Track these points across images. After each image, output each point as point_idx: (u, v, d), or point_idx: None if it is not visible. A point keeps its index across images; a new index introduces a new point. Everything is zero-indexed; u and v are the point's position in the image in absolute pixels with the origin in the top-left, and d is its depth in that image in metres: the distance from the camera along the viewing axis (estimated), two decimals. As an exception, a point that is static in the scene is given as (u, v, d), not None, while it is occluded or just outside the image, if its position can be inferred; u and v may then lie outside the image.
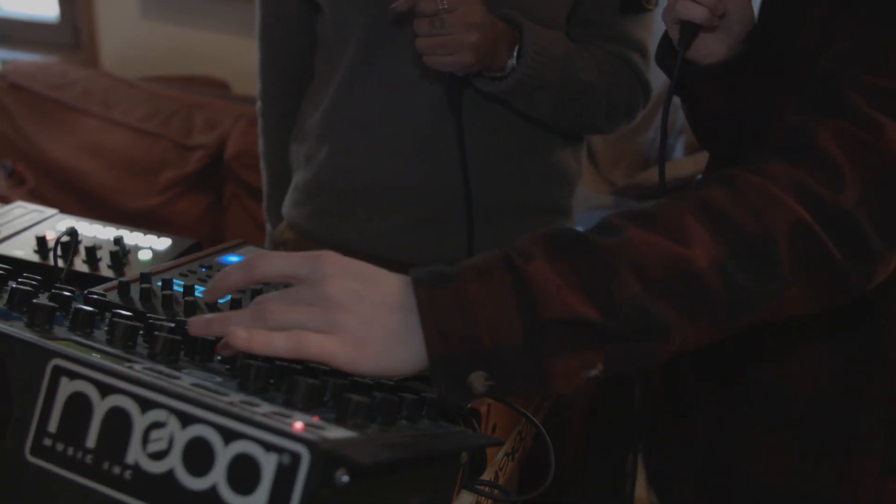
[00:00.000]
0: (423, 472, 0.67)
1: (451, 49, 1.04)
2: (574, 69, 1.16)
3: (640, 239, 0.67)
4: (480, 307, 0.64)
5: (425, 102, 1.21)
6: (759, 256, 0.68)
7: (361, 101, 1.23)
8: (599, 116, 1.24)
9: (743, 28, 0.93)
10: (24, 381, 0.61)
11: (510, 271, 0.65)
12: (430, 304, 0.64)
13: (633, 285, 0.65)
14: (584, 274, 0.65)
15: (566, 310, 0.64)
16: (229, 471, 0.55)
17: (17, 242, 1.10)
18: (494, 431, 0.83)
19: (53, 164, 2.68)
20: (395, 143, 1.24)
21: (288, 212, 1.38)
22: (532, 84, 1.13)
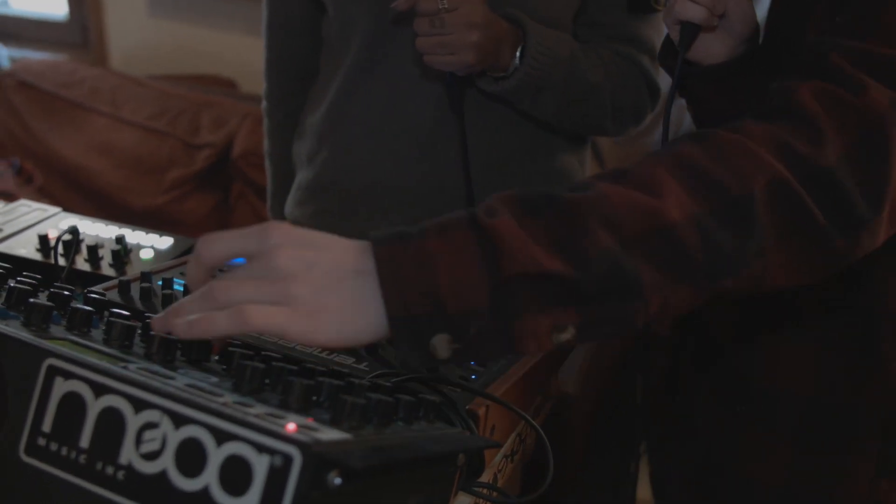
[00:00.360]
0: (419, 474, 0.66)
1: (451, 49, 1.04)
2: (579, 70, 1.16)
3: (611, 192, 0.64)
4: (442, 264, 0.61)
5: (427, 102, 1.20)
6: (736, 212, 0.65)
7: (363, 101, 1.23)
8: (605, 118, 1.24)
9: (745, 28, 0.93)
10: (20, 380, 0.61)
11: (473, 227, 0.62)
12: (389, 263, 0.61)
13: (605, 239, 0.62)
14: (552, 228, 0.62)
15: (533, 263, 0.61)
16: (221, 472, 0.54)
17: (20, 241, 1.11)
18: (493, 433, 0.83)
19: (61, 162, 2.69)
20: (396, 142, 1.23)
21: (290, 211, 1.38)
22: (536, 84, 1.12)
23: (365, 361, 0.87)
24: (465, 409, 0.80)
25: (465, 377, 0.86)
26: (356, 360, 0.87)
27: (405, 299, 0.61)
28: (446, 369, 0.86)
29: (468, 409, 0.80)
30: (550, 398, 1.06)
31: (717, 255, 0.65)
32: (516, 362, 0.90)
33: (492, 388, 0.84)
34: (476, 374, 0.86)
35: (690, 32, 0.93)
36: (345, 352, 0.88)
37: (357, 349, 0.89)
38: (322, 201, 1.32)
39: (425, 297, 0.61)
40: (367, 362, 0.87)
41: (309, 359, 0.86)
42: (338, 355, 0.87)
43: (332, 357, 0.87)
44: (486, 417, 0.81)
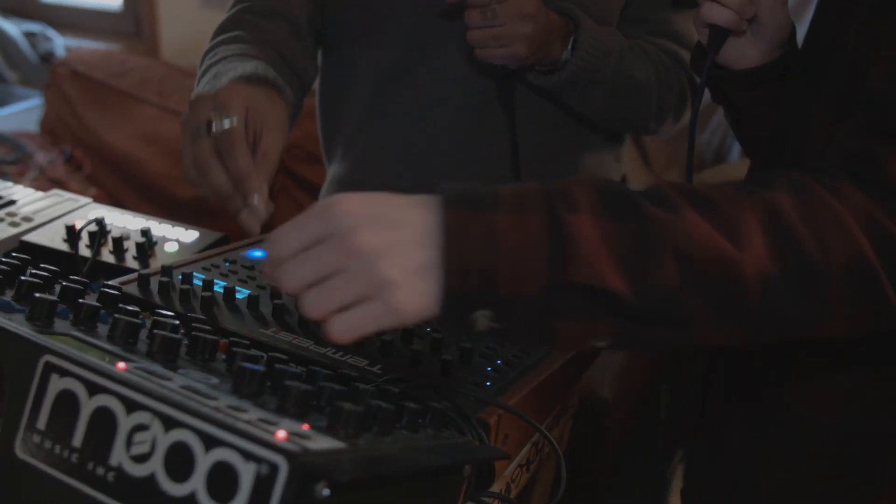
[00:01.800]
0: (419, 485, 0.65)
1: (504, 40, 1.02)
2: (627, 66, 1.13)
3: (694, 225, 0.62)
4: (507, 245, 0.60)
5: (468, 99, 1.19)
6: (810, 280, 0.64)
7: (406, 96, 1.21)
8: (650, 115, 1.21)
9: (778, 32, 0.89)
10: (17, 376, 0.61)
11: (549, 215, 0.61)
12: (457, 236, 0.60)
13: (673, 273, 0.61)
14: (626, 243, 0.61)
15: (597, 278, 0.60)
16: (209, 478, 0.53)
17: (49, 231, 1.12)
18: (505, 442, 0.81)
19: (110, 150, 2.73)
20: (436, 140, 1.22)
21: None
22: (586, 78, 1.10)
23: (379, 364, 0.85)
24: (475, 417, 0.78)
25: (479, 383, 0.84)
26: (370, 363, 0.85)
27: (464, 278, 0.60)
28: (460, 376, 0.84)
29: (479, 418, 0.78)
30: (571, 406, 1.03)
31: (775, 315, 0.64)
32: (532, 371, 0.88)
33: (506, 395, 0.82)
34: (490, 381, 0.84)
35: (719, 36, 0.89)
36: (359, 353, 0.87)
37: (372, 351, 0.88)
38: None
39: (482, 274, 0.60)
40: (381, 365, 0.85)
41: (320, 359, 0.85)
42: (352, 356, 0.86)
43: (345, 359, 0.85)
44: (497, 426, 0.78)
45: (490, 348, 0.91)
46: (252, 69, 0.94)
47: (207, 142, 0.81)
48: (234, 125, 0.78)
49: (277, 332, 0.89)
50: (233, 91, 0.83)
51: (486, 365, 0.87)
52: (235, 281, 0.98)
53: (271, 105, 0.86)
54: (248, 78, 0.92)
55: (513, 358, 0.90)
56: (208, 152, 0.80)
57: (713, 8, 0.87)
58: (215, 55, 1.05)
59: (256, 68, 0.95)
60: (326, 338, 0.62)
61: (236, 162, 0.78)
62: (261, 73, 0.93)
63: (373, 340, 0.89)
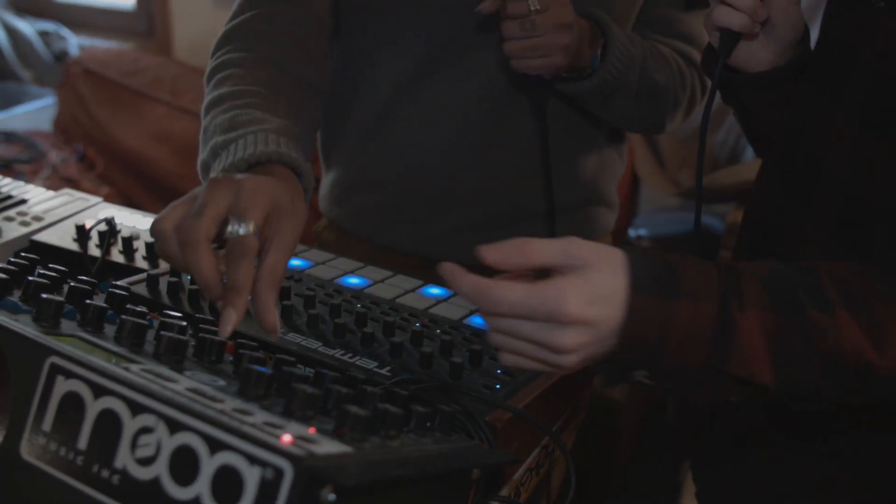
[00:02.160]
0: (426, 489, 0.64)
1: (542, 51, 1.00)
2: (650, 71, 1.13)
3: (846, 329, 0.68)
4: (678, 333, 0.67)
5: (492, 106, 1.18)
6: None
7: (423, 102, 1.20)
8: (665, 116, 1.21)
9: (791, 34, 0.87)
10: (23, 377, 0.60)
11: (722, 308, 0.67)
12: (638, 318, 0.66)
13: (816, 370, 0.68)
14: (783, 342, 0.68)
15: (750, 373, 0.67)
16: (213, 482, 0.53)
17: (59, 230, 1.11)
18: (514, 446, 0.80)
19: (122, 149, 2.73)
20: (456, 143, 1.21)
21: (328, 209, 1.36)
22: (613, 85, 1.09)
23: (388, 366, 0.85)
24: (484, 420, 0.77)
25: (489, 386, 0.83)
26: (378, 365, 0.85)
27: (632, 352, 0.68)
28: (469, 378, 0.84)
29: (487, 421, 0.77)
30: (582, 410, 1.02)
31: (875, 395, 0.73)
32: (542, 373, 0.87)
33: (515, 398, 0.82)
34: (500, 384, 0.83)
35: (731, 39, 0.88)
36: (368, 355, 0.86)
37: (381, 352, 0.87)
38: (366, 199, 1.29)
39: (651, 351, 0.67)
40: (390, 367, 0.85)
41: (329, 361, 0.84)
42: (361, 358, 0.86)
43: (354, 360, 0.85)
44: (506, 430, 0.78)
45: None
46: (274, 147, 0.87)
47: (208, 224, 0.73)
48: (250, 233, 0.74)
49: (286, 333, 0.89)
50: (257, 196, 0.74)
51: (497, 367, 0.87)
52: (244, 281, 0.97)
53: (291, 205, 0.78)
54: (271, 156, 0.86)
55: (523, 360, 0.89)
56: (205, 235, 0.72)
57: (725, 11, 0.86)
58: (229, 80, 0.99)
59: (279, 143, 0.88)
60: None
61: (238, 273, 0.71)
62: (283, 152, 0.87)
63: (382, 342, 0.89)
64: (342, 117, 1.26)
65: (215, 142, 0.90)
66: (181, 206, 0.75)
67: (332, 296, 0.99)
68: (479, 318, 0.97)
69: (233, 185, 0.75)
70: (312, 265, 1.08)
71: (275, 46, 1.04)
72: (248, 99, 0.95)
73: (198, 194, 0.75)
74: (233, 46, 1.05)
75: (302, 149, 0.92)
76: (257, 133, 0.88)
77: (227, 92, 0.97)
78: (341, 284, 1.03)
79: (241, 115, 0.92)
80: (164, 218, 0.74)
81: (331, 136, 1.31)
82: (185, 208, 0.74)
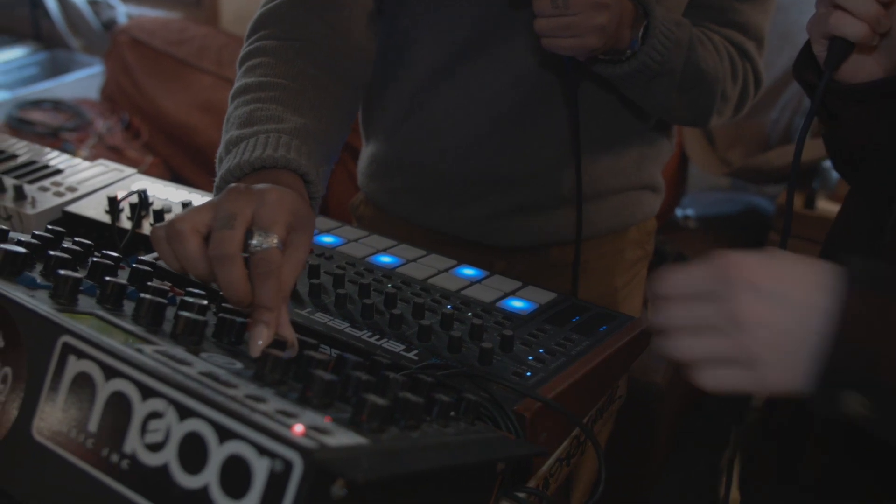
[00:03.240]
0: (447, 482, 0.62)
1: (575, 31, 0.95)
2: (696, 57, 1.07)
3: None
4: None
5: (530, 89, 1.14)
6: None
7: (462, 85, 1.16)
8: (710, 108, 1.14)
9: None
10: (36, 355, 0.59)
11: None
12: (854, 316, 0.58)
13: None
14: None
15: None
16: (222, 472, 0.51)
17: (92, 202, 1.11)
18: (544, 437, 0.77)
19: (167, 118, 2.74)
20: (492, 128, 1.17)
21: (365, 184, 1.33)
22: (654, 70, 1.04)
23: (415, 349, 0.82)
24: (512, 409, 0.74)
25: (520, 373, 0.80)
26: (406, 348, 0.82)
27: (847, 359, 0.58)
28: (500, 364, 0.81)
29: (516, 411, 0.74)
30: (619, 398, 0.99)
31: None
32: (576, 361, 0.84)
33: (546, 387, 0.79)
34: (531, 372, 0.80)
35: (841, 50, 0.77)
36: (396, 337, 0.84)
37: (410, 335, 0.85)
38: (404, 179, 1.27)
39: (868, 357, 0.58)
40: (418, 350, 0.82)
41: (355, 343, 0.82)
42: (388, 341, 0.83)
43: (380, 343, 0.83)
44: (535, 420, 0.75)
45: (532, 335, 0.87)
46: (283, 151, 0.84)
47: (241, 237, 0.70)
48: (274, 246, 0.71)
49: (313, 313, 0.87)
50: (280, 209, 0.72)
51: (528, 354, 0.84)
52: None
53: (307, 219, 0.75)
54: (277, 161, 0.83)
55: (556, 347, 0.86)
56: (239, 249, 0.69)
57: (843, 19, 0.75)
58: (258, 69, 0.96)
59: (289, 148, 0.85)
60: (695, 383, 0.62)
61: (267, 289, 0.69)
62: (292, 158, 0.84)
63: (411, 324, 0.86)
64: (381, 94, 1.24)
65: (230, 136, 0.89)
66: (203, 212, 0.71)
67: (362, 275, 0.97)
68: (513, 301, 0.95)
69: (255, 196, 0.72)
70: (344, 242, 1.06)
71: (310, 35, 1.01)
72: (272, 92, 0.92)
73: (217, 203, 0.71)
74: (267, 32, 1.02)
75: (318, 152, 0.89)
76: (269, 134, 0.85)
77: (254, 82, 0.94)
78: (373, 263, 1.01)
79: (260, 111, 0.90)
80: (184, 219, 0.70)
81: (370, 111, 1.29)
82: (207, 215, 0.71)
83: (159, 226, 0.71)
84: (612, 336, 0.90)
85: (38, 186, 1.13)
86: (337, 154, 0.97)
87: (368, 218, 1.34)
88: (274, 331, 0.68)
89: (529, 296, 0.97)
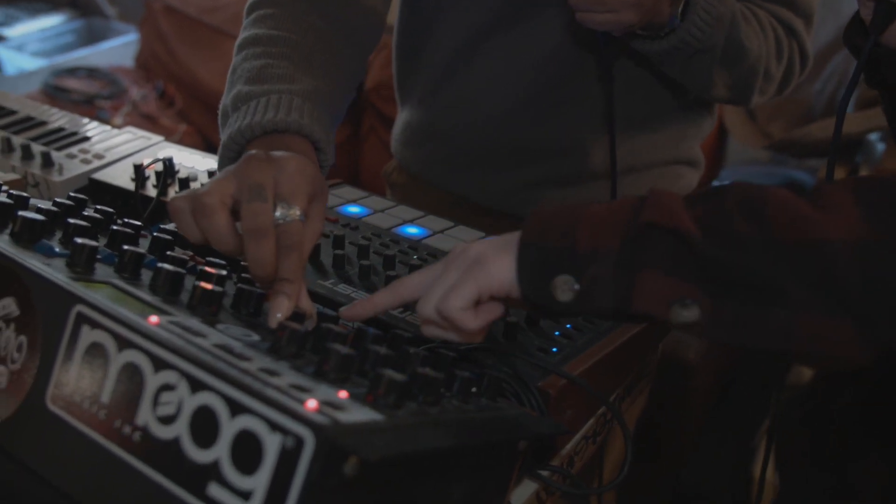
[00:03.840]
0: (465, 460, 0.60)
1: (610, 5, 0.92)
2: (738, 33, 1.02)
3: (778, 195, 0.60)
4: (590, 213, 0.63)
5: (563, 64, 1.11)
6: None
7: (495, 55, 1.14)
8: (753, 87, 1.10)
9: None
10: (51, 324, 0.58)
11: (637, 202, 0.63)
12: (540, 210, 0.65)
13: (745, 228, 0.58)
14: (697, 205, 0.61)
15: (671, 217, 0.60)
16: (233, 446, 0.50)
17: (118, 169, 1.10)
18: (568, 414, 0.75)
19: (201, 86, 2.73)
20: (524, 101, 1.15)
21: (399, 150, 1.31)
22: (694, 47, 1.00)
23: (439, 323, 0.80)
24: (536, 386, 0.73)
25: (545, 349, 0.78)
26: (429, 321, 0.81)
27: (542, 231, 0.64)
28: (526, 339, 0.79)
29: (539, 387, 0.73)
30: (648, 374, 0.97)
31: (881, 297, 0.56)
32: (604, 337, 0.82)
33: (573, 363, 0.77)
34: (557, 348, 0.79)
35: (887, 12, 0.75)
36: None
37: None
38: (438, 148, 1.24)
39: (561, 234, 0.63)
40: (442, 324, 0.80)
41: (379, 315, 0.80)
42: (411, 314, 0.82)
43: (403, 315, 0.81)
44: (559, 397, 0.73)
45: (560, 311, 0.85)
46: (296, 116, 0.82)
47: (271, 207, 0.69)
48: (297, 218, 0.69)
49: (336, 284, 0.86)
50: (301, 179, 0.70)
51: (555, 329, 0.82)
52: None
53: (322, 189, 0.73)
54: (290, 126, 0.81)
55: (584, 323, 0.84)
56: (272, 221, 0.68)
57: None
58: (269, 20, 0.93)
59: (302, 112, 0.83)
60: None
61: (290, 262, 0.67)
62: (305, 123, 0.82)
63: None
64: (415, 59, 1.21)
65: (238, 91, 0.87)
66: (227, 183, 0.68)
67: (387, 246, 0.95)
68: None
69: (275, 165, 0.70)
70: (370, 212, 1.05)
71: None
72: (284, 48, 0.90)
73: (240, 173, 0.69)
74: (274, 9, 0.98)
75: (328, 116, 0.87)
76: (281, 95, 0.83)
77: (264, 35, 0.92)
78: (399, 234, 0.99)
79: (271, 67, 0.87)
80: (211, 192, 0.67)
81: (405, 77, 1.27)
82: (231, 186, 0.68)
83: (179, 196, 0.69)
84: (641, 312, 0.87)
85: (65, 153, 1.13)
86: (341, 119, 0.95)
87: (401, 185, 1.33)
88: (294, 303, 0.67)
89: (558, 269, 0.94)
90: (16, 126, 1.19)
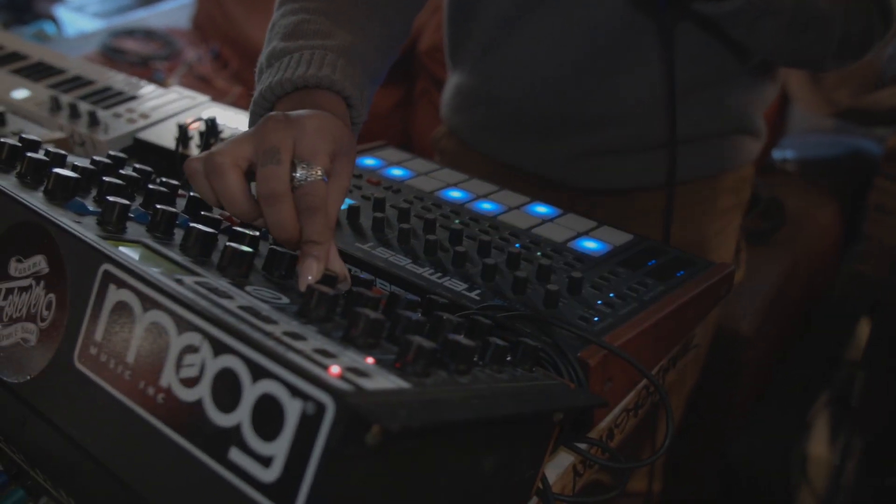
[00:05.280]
0: (497, 431, 0.58)
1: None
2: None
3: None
4: None
5: (620, 25, 1.07)
6: None
7: (549, 18, 1.10)
8: (827, 52, 1.03)
9: None
10: (79, 283, 0.58)
11: None
12: None
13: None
14: None
15: None
16: (255, 411, 0.48)
17: (162, 129, 1.10)
18: (608, 386, 0.73)
19: (256, 48, 2.71)
20: (580, 65, 1.11)
21: (448, 116, 1.29)
22: (761, 8, 0.94)
23: (478, 289, 0.79)
24: (575, 356, 0.70)
25: (587, 318, 0.76)
26: (468, 287, 0.79)
27: None
28: (567, 308, 0.77)
29: (579, 357, 0.70)
30: (696, 346, 0.93)
31: None
32: (649, 307, 0.79)
33: (614, 334, 0.74)
34: (599, 317, 0.76)
35: None
36: (459, 276, 0.80)
37: (474, 274, 0.81)
38: (487, 113, 1.22)
39: None
40: (481, 291, 0.78)
41: (415, 280, 0.79)
42: (450, 279, 0.80)
43: (441, 281, 0.79)
44: (599, 368, 0.71)
45: (603, 279, 0.82)
46: (328, 71, 0.79)
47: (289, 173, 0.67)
48: (319, 178, 0.66)
49: (374, 248, 0.84)
50: (321, 138, 0.68)
51: (597, 298, 0.79)
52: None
53: (349, 145, 0.71)
54: (321, 81, 0.79)
55: (628, 292, 0.81)
56: (287, 184, 0.66)
57: None
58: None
59: (335, 68, 0.80)
60: None
61: (315, 224, 0.65)
62: (336, 79, 0.79)
63: (475, 262, 0.83)
64: (467, 23, 1.18)
65: (273, 47, 0.85)
66: (242, 144, 0.67)
67: (429, 209, 0.93)
68: (586, 242, 0.90)
69: (295, 125, 0.68)
70: (413, 175, 1.02)
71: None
72: (321, 3, 0.88)
73: (257, 134, 0.68)
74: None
75: (364, 72, 0.84)
76: (315, 50, 0.81)
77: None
78: (441, 198, 0.97)
79: (306, 23, 0.85)
80: (224, 152, 0.67)
81: (456, 40, 1.24)
82: (247, 148, 0.67)
83: (196, 157, 0.68)
84: (689, 282, 0.84)
85: (112, 112, 1.13)
86: (382, 77, 0.93)
87: (450, 152, 1.30)
88: (324, 265, 0.66)
89: (604, 236, 0.91)
90: (65, 85, 1.20)
